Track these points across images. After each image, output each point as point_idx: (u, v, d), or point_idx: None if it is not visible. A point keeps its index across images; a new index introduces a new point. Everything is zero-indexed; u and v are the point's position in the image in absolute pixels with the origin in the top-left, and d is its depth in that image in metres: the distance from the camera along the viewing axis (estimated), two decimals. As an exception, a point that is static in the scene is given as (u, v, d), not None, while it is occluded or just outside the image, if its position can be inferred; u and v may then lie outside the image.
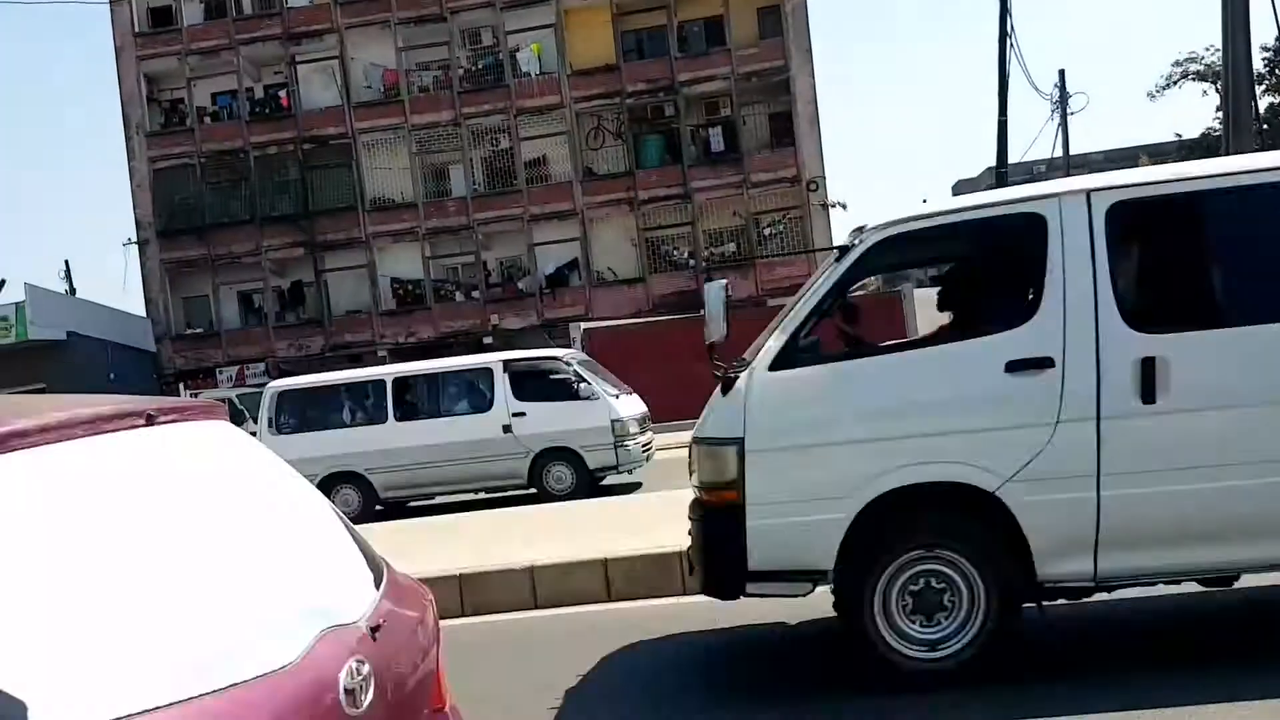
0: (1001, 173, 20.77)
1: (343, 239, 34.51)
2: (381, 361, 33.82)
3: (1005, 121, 20.43)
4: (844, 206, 32.73)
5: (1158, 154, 30.87)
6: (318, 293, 35.01)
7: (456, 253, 35.02)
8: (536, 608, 7.15)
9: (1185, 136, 37.27)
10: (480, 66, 34.61)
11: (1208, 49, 33.14)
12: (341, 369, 35.09)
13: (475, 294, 34.47)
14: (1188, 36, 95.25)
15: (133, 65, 35.16)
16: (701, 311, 5.47)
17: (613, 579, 7.12)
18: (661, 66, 33.44)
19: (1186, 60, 34.02)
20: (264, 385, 31.72)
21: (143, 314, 35.41)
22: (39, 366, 29.96)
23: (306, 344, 34.62)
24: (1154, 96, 36.32)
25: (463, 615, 7.19)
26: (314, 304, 35.33)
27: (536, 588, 7.20)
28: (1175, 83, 34.59)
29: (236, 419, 12.46)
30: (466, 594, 7.24)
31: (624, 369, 23.79)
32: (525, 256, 34.44)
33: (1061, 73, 29.87)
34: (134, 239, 35.39)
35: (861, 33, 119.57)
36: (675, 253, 33.90)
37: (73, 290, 42.06)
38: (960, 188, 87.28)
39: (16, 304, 29.24)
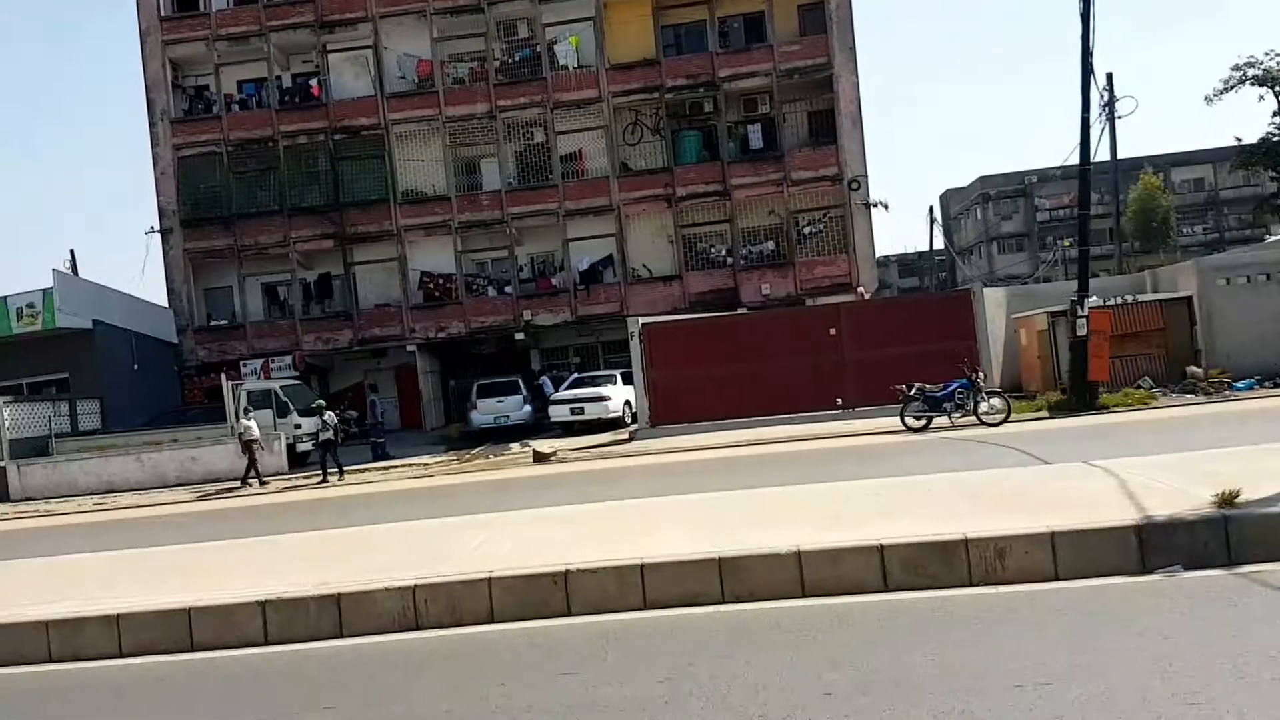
0: (1085, 171, 20.46)
1: (373, 231, 33.86)
2: (411, 356, 33.49)
3: (1088, 119, 20.10)
4: (885, 206, 32.44)
5: (1217, 159, 30.76)
6: (346, 286, 34.33)
7: (488, 247, 34.45)
8: (804, 595, 6.69)
9: (1244, 141, 37.31)
10: (516, 59, 34.06)
11: (1267, 54, 33.33)
12: (373, 363, 34.74)
13: (508, 289, 33.89)
14: (1243, 42, 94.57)
15: (158, 50, 34.39)
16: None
17: (889, 567, 6.67)
18: (702, 62, 33.03)
19: (1245, 65, 34.11)
20: (293, 376, 31.37)
21: (163, 304, 34.56)
22: (64, 355, 29.25)
23: (334, 337, 33.94)
24: (1211, 101, 36.32)
25: (723, 602, 6.73)
26: (341, 297, 34.65)
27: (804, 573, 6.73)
28: (1233, 87, 34.66)
29: (281, 411, 12.29)
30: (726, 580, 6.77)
31: (679, 363, 23.55)
32: (559, 252, 33.91)
33: (1109, 75, 29.73)
34: (157, 227, 34.59)
35: (902, 33, 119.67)
36: (713, 250, 33.47)
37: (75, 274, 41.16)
38: (949, 197, 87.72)
39: (44, 291, 28.38)
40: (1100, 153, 31.74)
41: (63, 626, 7.21)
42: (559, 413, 27.01)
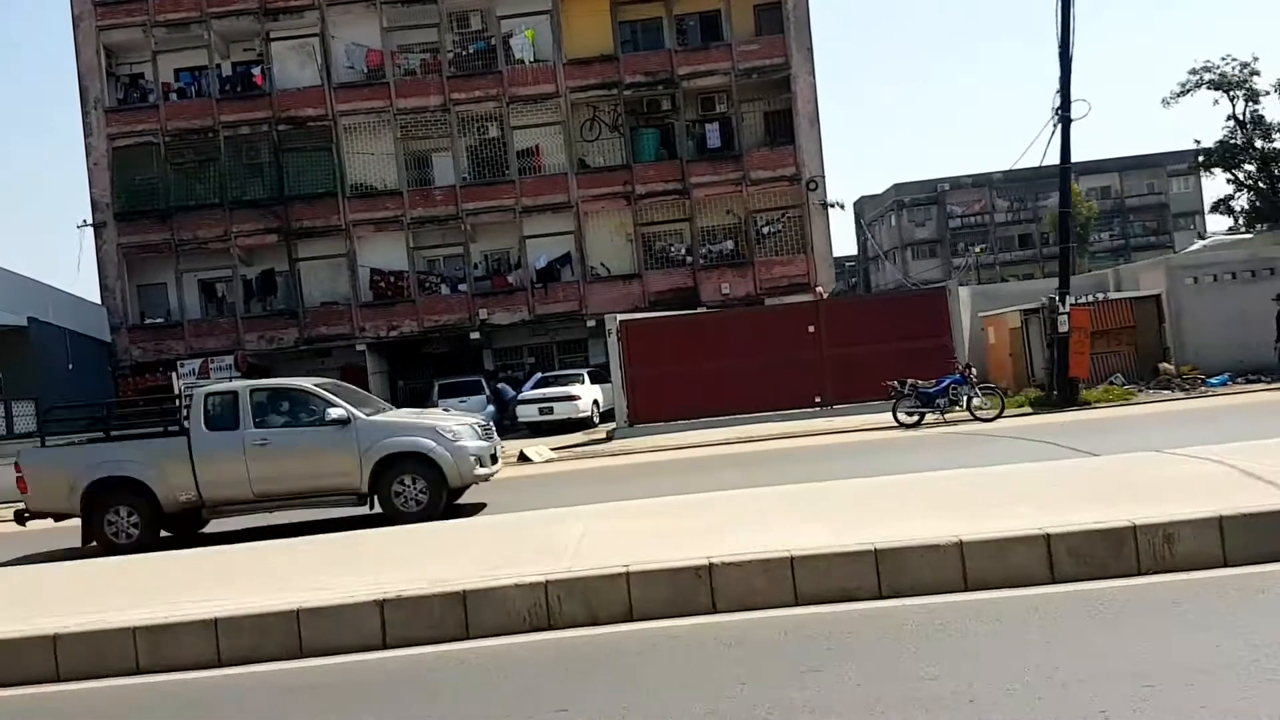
0: (1065, 170, 20.74)
1: (320, 226, 32.79)
2: (360, 356, 32.50)
3: (1069, 118, 20.40)
4: (841, 206, 32.65)
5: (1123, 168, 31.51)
6: (290, 282, 33.17)
7: (440, 244, 33.66)
8: (966, 589, 6.40)
9: (1202, 144, 38.64)
10: (470, 51, 33.37)
11: (1223, 59, 34.51)
12: (317, 363, 33.59)
13: (461, 287, 33.14)
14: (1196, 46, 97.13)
15: (92, 35, 32.81)
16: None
17: (1056, 557, 6.42)
18: (661, 59, 32.79)
19: (1202, 69, 35.23)
20: (234, 377, 30.11)
21: (96, 301, 32.94)
22: (-3, 354, 27.55)
23: (278, 336, 32.77)
24: (1168, 104, 37.37)
25: (880, 597, 6.40)
26: (285, 294, 33.46)
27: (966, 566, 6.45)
28: (1190, 91, 35.74)
29: None
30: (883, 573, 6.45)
31: (657, 361, 23.21)
32: (516, 249, 33.30)
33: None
34: (89, 221, 32.95)
35: (857, 34, 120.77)
36: (672, 249, 33.23)
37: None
38: (862, 204, 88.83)
39: (-25, 285, 26.79)
40: (1050, 155, 32.38)
41: (153, 633, 6.52)
42: (527, 413, 26.46)
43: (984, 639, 5.48)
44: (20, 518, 13.11)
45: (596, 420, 26.91)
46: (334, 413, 12.14)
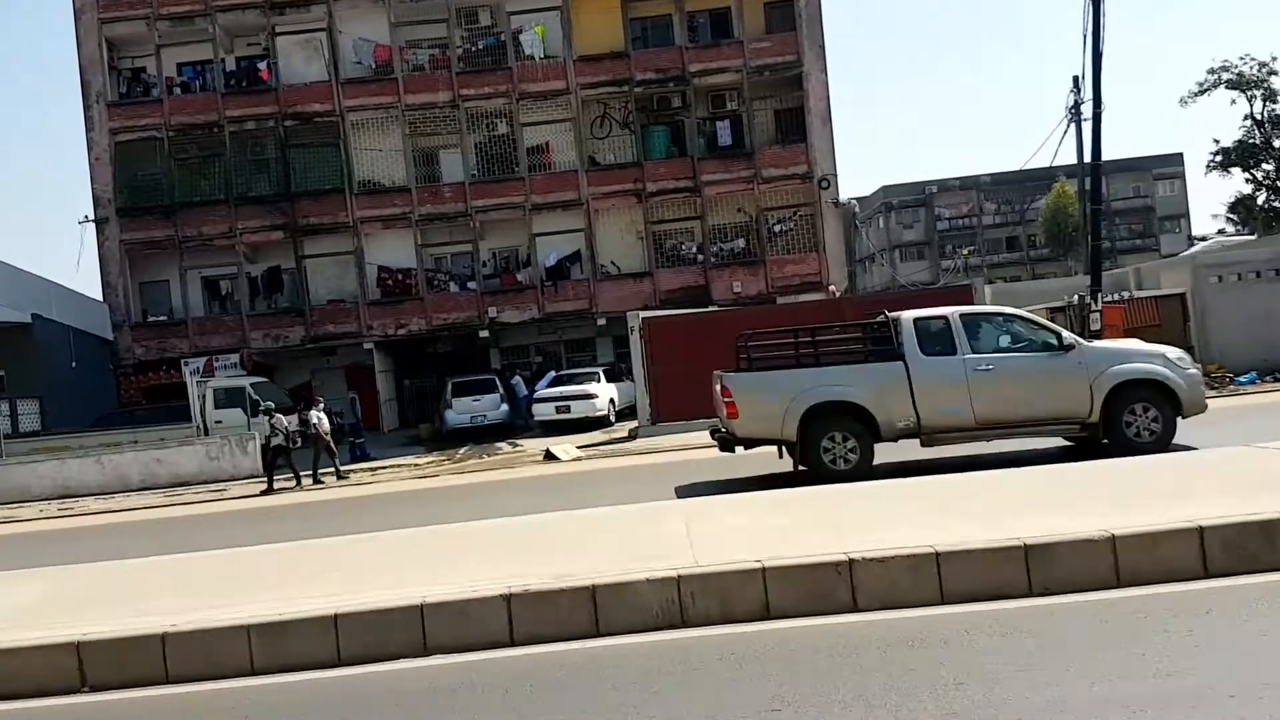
0: (1096, 166, 20.60)
1: (327, 223, 32.35)
2: (367, 354, 32.09)
3: (1100, 114, 20.28)
4: (855, 204, 32.45)
5: (1109, 171, 31.47)
6: (297, 280, 32.70)
7: (448, 241, 33.26)
8: (1119, 585, 6.17)
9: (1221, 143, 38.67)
10: (480, 47, 32.99)
11: (1241, 58, 34.51)
12: (322, 361, 33.18)
13: (470, 284, 32.77)
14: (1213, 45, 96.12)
15: (94, 28, 32.24)
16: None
17: (1209, 550, 6.21)
18: (672, 56, 32.53)
19: (1220, 68, 35.27)
20: (240, 376, 29.57)
21: (97, 298, 32.39)
22: (1, 351, 27.00)
23: (284, 334, 32.30)
24: (1186, 103, 37.32)
25: (1030, 595, 6.16)
26: (291, 292, 33.00)
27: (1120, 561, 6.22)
28: (1208, 90, 35.77)
29: (254, 409, 11.19)
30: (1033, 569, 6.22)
31: (681, 358, 22.91)
32: (524, 247, 32.96)
33: (1075, 79, 30.15)
34: (91, 217, 32.40)
35: (869, 31, 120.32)
36: (683, 247, 32.98)
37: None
38: (852, 205, 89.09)
39: (-21, 281, 26.26)
40: (1063, 155, 32.36)
41: (269, 631, 6.21)
42: (543, 411, 26.14)
43: (1190, 634, 5.25)
44: (726, 444, 12.80)
45: (613, 419, 26.62)
46: (1064, 338, 11.82)
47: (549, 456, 20.44)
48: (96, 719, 5.79)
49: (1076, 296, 21.96)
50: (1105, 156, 20.86)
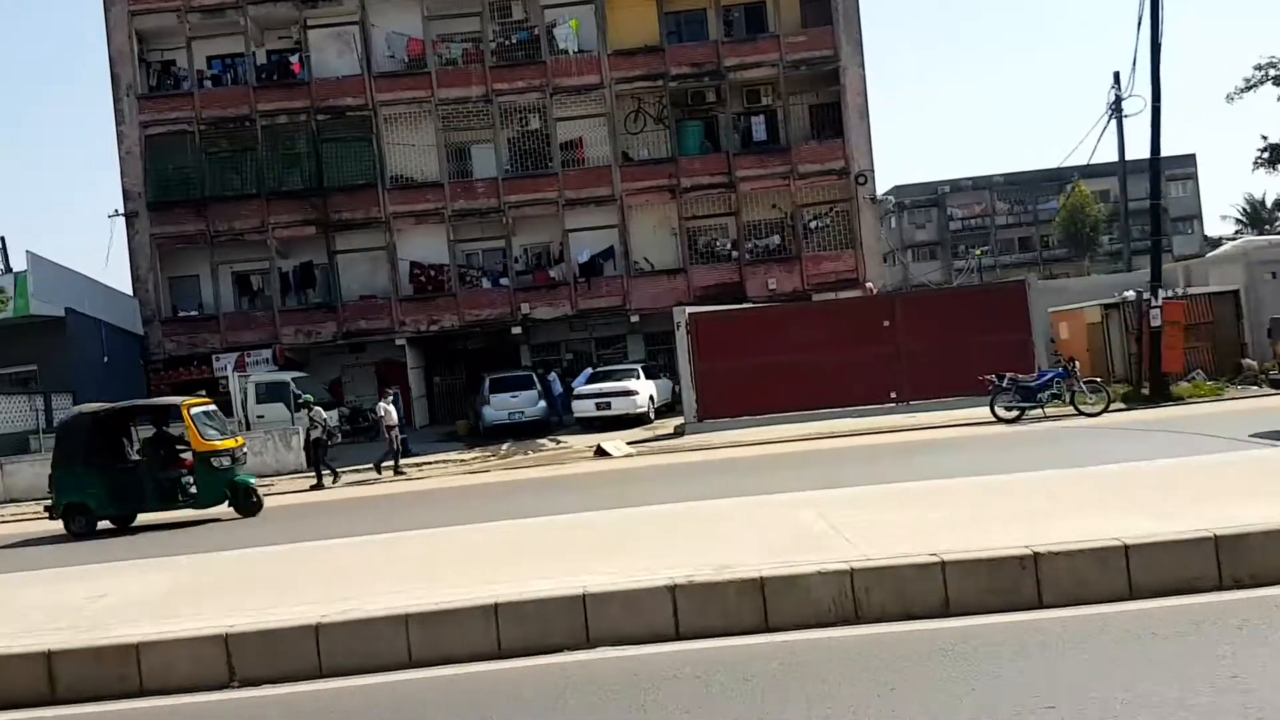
0: (1155, 160, 20.27)
1: (359, 218, 32.05)
2: (399, 350, 31.82)
3: (1159, 108, 19.96)
4: (891, 200, 32.14)
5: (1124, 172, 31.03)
6: (329, 275, 32.41)
7: (480, 237, 32.97)
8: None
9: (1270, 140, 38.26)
10: (513, 41, 32.70)
11: None
12: (351, 357, 32.88)
13: (502, 281, 32.48)
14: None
15: (124, 20, 31.97)
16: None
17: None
18: (707, 50, 32.23)
19: (1268, 64, 34.89)
20: (274, 371, 29.29)
21: (127, 292, 32.12)
22: (35, 346, 26.83)
23: (316, 330, 32.02)
24: (1232, 99, 36.93)
25: (1222, 588, 5.86)
26: (323, 287, 32.72)
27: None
28: (1254, 86, 35.41)
29: (297, 404, 10.82)
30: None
31: (727, 355, 22.66)
32: (557, 243, 32.67)
33: (1116, 75, 29.87)
34: (120, 210, 32.12)
35: (905, 25, 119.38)
36: (717, 243, 32.68)
37: (8, 268, 38.22)
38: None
39: (16, 275, 25.97)
40: (1101, 153, 32.00)
41: (427, 621, 5.90)
42: (583, 407, 25.87)
43: None
44: None
45: (653, 416, 26.36)
46: None
47: (600, 453, 20.15)
48: (247, 717, 5.50)
49: (1133, 293, 21.65)
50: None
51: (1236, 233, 69.30)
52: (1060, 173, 78.04)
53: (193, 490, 14.91)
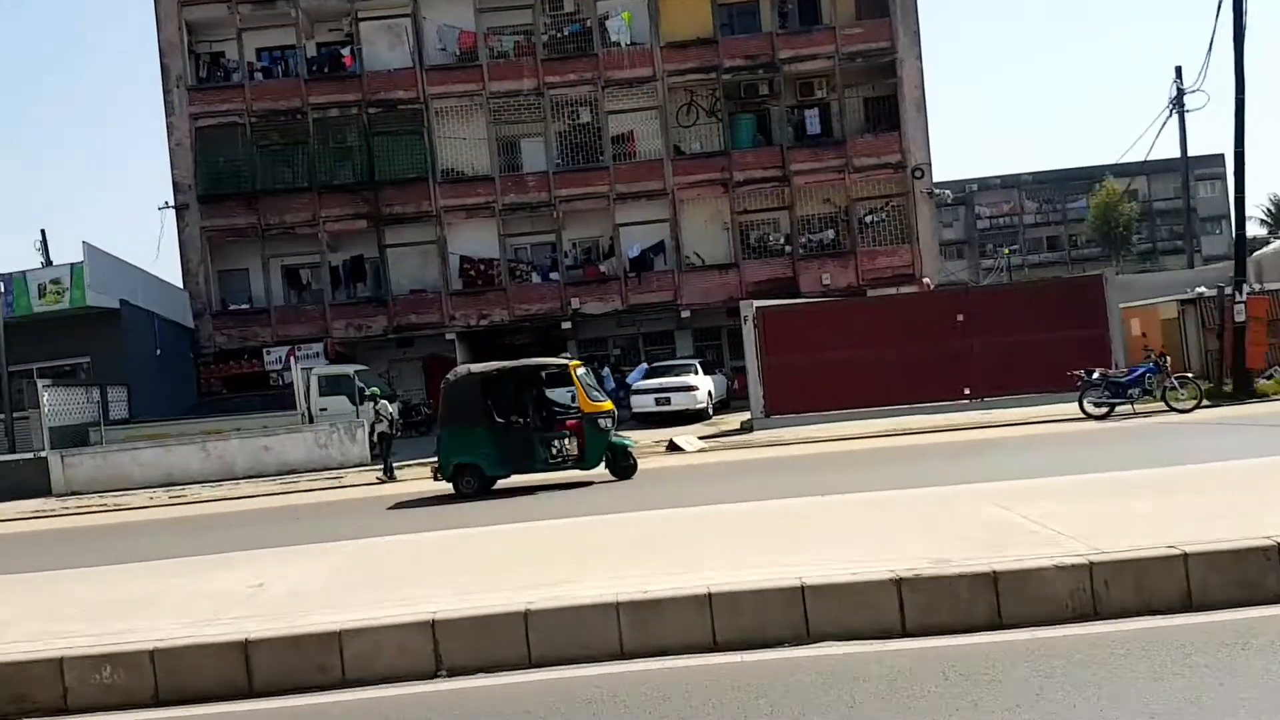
0: (1240, 153, 19.81)
1: (410, 212, 31.82)
2: (448, 345, 31.56)
3: (1243, 98, 19.52)
4: (949, 194, 31.75)
5: (1150, 171, 30.41)
6: (379, 269, 32.20)
7: (529, 231, 32.68)
8: None
9: None
10: (565, 33, 32.40)
11: None
12: (399, 352, 32.65)
13: (552, 275, 32.20)
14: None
15: (174, 11, 31.85)
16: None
17: None
18: (761, 42, 31.87)
19: None
20: (310, 365, 29.00)
21: (177, 285, 31.99)
22: (88, 338, 26.70)
23: (367, 324, 31.82)
24: None
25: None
26: (373, 281, 32.53)
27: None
28: None
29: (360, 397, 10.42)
30: None
31: (795, 350, 22.29)
32: (606, 237, 32.37)
33: (1178, 69, 29.37)
34: (170, 203, 31.99)
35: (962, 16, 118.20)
36: (770, 238, 32.31)
37: (49, 261, 38.22)
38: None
39: (72, 265, 25.81)
40: (1159, 150, 31.49)
41: (639, 610, 5.59)
42: (642, 402, 25.54)
43: None
44: None
45: (711, 412, 26.03)
46: None
47: (673, 448, 19.81)
48: (460, 710, 5.16)
49: (1206, 289, 21.21)
50: (1152, 156, 20.03)
51: (1271, 233, 68.47)
52: (1089, 171, 77.60)
53: (572, 452, 14.76)
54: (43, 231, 36.14)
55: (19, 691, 5.53)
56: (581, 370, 15.53)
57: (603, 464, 15.12)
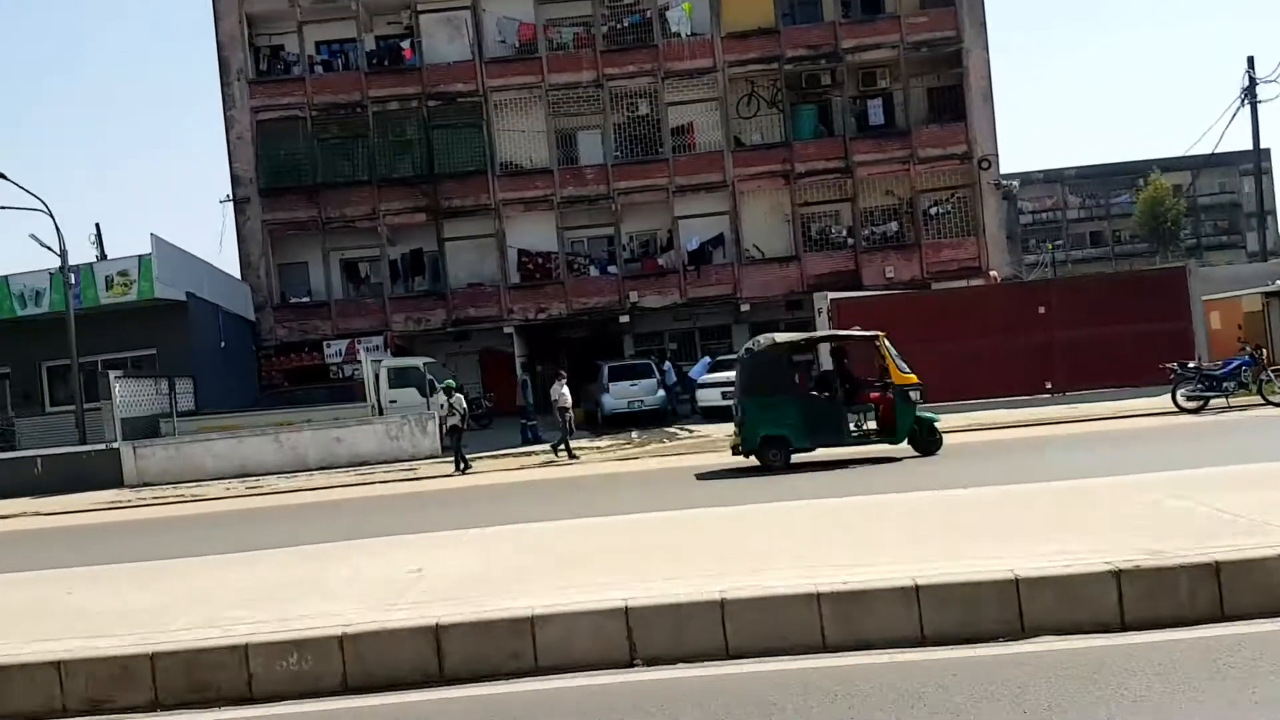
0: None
1: (469, 205, 31.76)
2: (506, 339, 31.43)
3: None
4: (1016, 184, 31.24)
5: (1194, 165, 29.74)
6: (436, 263, 32.15)
7: (587, 224, 32.50)
8: None
9: None
10: (624, 25, 32.20)
11: None
12: (456, 345, 32.53)
13: (610, 268, 32.00)
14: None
15: (234, 4, 31.96)
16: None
17: None
18: (823, 32, 31.51)
19: None
20: (380, 357, 28.98)
21: (237, 278, 32.10)
22: (155, 330, 26.71)
23: (426, 318, 31.80)
24: None
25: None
26: (431, 274, 32.48)
27: None
28: None
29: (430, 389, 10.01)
30: None
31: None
32: (664, 230, 32.13)
33: (1250, 59, 28.70)
34: (231, 196, 32.09)
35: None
36: (832, 230, 31.94)
37: (103, 256, 38.47)
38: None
39: (140, 258, 25.87)
40: (1227, 142, 30.80)
41: (842, 601, 5.34)
42: (709, 396, 25.24)
43: None
44: None
45: (777, 406, 25.64)
46: None
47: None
48: (656, 701, 4.91)
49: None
50: (1195, 151, 19.43)
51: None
52: (1133, 166, 76.45)
53: (879, 425, 14.43)
54: (97, 225, 36.31)
55: (199, 679, 5.37)
56: (888, 342, 14.91)
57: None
